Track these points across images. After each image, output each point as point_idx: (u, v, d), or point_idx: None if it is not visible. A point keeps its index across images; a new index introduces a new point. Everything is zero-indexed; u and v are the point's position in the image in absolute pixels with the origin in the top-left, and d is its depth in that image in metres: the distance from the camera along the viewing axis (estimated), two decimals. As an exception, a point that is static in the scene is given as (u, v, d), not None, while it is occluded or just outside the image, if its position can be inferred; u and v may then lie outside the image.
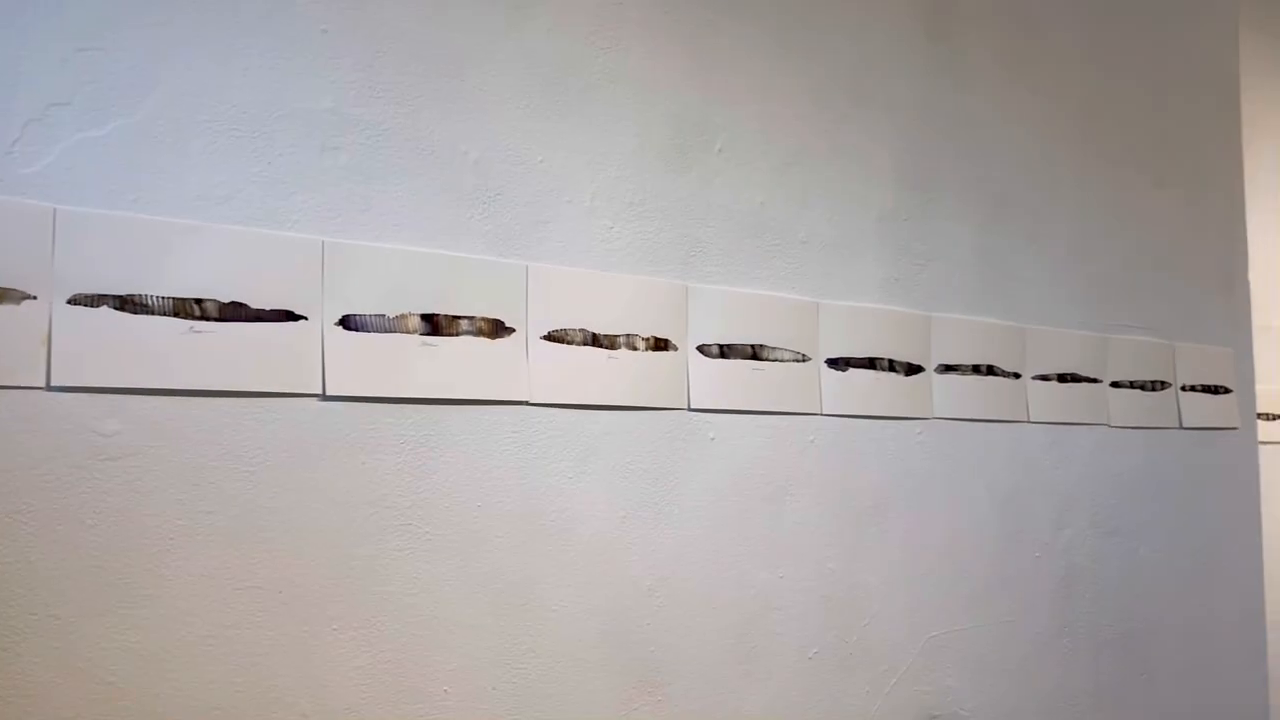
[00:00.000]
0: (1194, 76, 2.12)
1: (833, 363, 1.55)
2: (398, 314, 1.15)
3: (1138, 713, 1.86)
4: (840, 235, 1.56)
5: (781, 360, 1.49)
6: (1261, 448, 2.88)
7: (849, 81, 1.59)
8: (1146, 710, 1.87)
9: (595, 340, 1.30)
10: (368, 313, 1.14)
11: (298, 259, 1.10)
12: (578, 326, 1.29)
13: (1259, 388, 2.89)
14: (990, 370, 1.73)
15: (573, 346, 1.28)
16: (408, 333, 1.16)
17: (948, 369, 1.68)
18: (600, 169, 1.33)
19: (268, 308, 1.08)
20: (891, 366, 1.61)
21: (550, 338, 1.27)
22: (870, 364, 1.59)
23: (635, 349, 1.34)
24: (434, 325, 1.18)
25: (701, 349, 1.40)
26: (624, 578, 1.30)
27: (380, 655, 1.11)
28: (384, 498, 1.13)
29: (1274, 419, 2.92)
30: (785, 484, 1.46)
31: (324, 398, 1.10)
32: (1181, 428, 1.99)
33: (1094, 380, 1.86)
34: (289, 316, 1.09)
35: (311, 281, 1.10)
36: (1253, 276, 2.88)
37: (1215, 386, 2.07)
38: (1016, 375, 1.76)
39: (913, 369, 1.64)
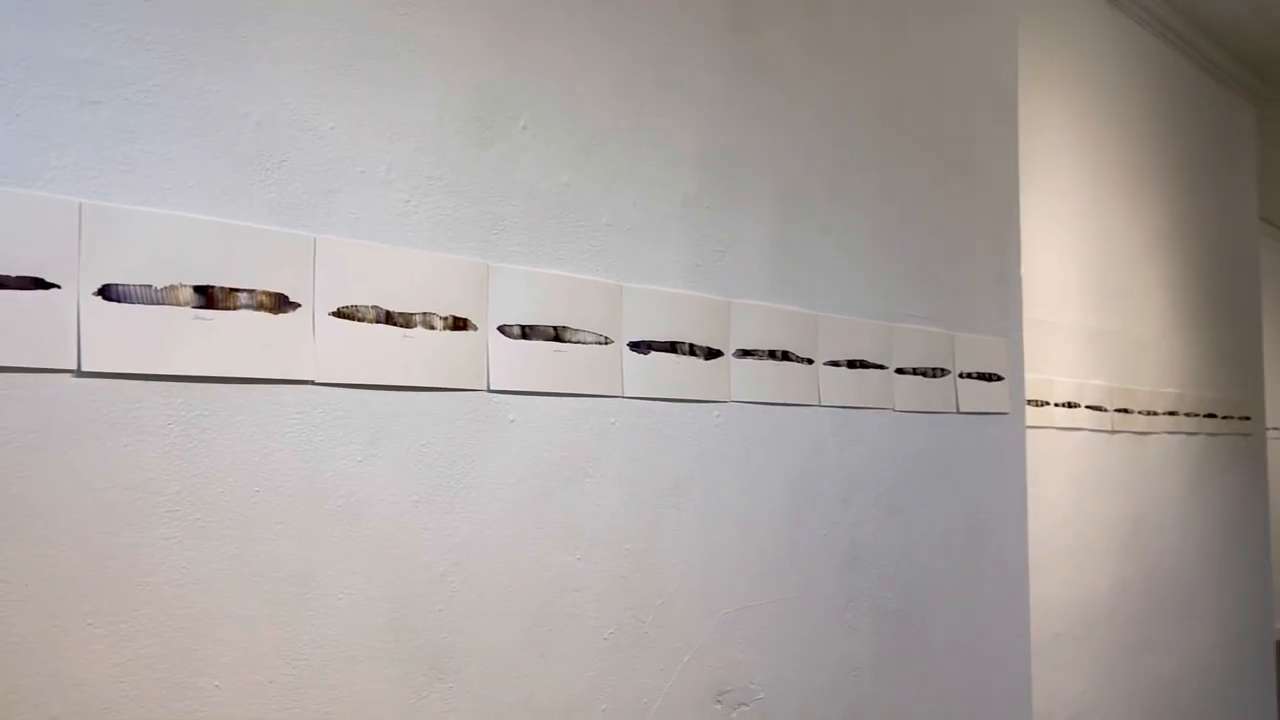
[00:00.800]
0: (974, 77, 2.26)
1: (635, 346, 1.56)
2: (166, 285, 1.07)
3: (915, 681, 1.98)
4: (644, 219, 1.57)
5: (584, 342, 1.48)
6: (1028, 431, 3.12)
7: (655, 66, 1.60)
8: (922, 679, 1.99)
9: (389, 318, 1.25)
10: (132, 282, 1.05)
11: (51, 221, 1.00)
12: (370, 303, 1.23)
13: (1027, 376, 3.13)
14: (785, 356, 1.79)
15: (364, 324, 1.23)
16: (178, 305, 1.07)
17: (745, 354, 1.72)
18: (397, 139, 1.28)
19: (14, 274, 0.97)
20: (692, 350, 1.64)
21: (340, 314, 1.21)
22: (672, 347, 1.61)
23: (433, 328, 1.30)
24: (209, 298, 1.10)
25: (503, 329, 1.38)
26: (415, 563, 1.26)
27: (142, 651, 1.04)
28: (149, 482, 1.05)
29: (1041, 405, 3.16)
30: (586, 466, 1.46)
31: (79, 374, 1.01)
32: (959, 412, 2.12)
33: (881, 367, 1.95)
34: (39, 284, 0.99)
35: (67, 246, 1.01)
36: (1025, 272, 3.12)
37: (989, 374, 2.22)
38: (809, 361, 1.82)
39: (712, 353, 1.67)
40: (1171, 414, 3.87)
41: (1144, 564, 3.61)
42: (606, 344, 1.51)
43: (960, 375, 2.14)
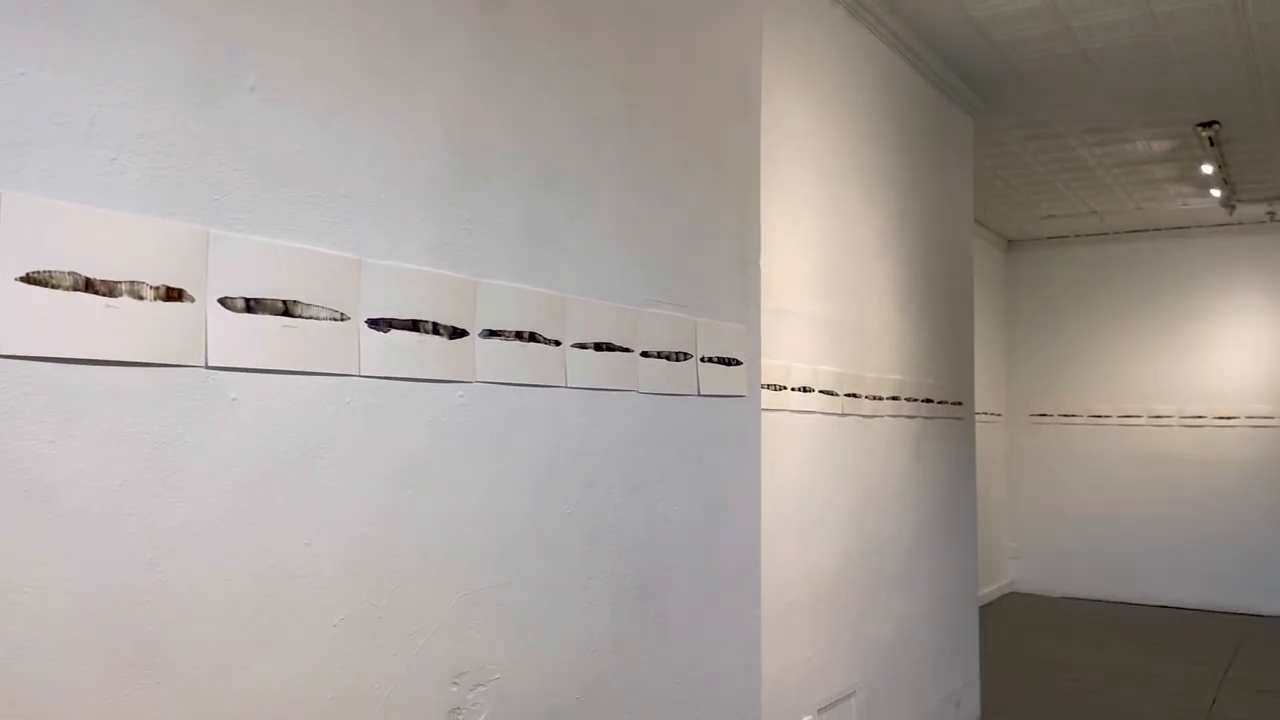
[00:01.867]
0: (720, 72, 2.35)
1: (374, 323, 1.51)
2: None
3: (652, 655, 2.05)
4: (386, 194, 1.53)
5: (318, 318, 1.42)
6: (766, 414, 3.30)
7: (400, 39, 1.55)
8: (660, 653, 2.07)
9: (89, 286, 1.15)
10: None
11: None
12: (67, 269, 1.13)
13: (767, 362, 3.30)
14: (533, 337, 1.80)
15: (60, 291, 1.12)
16: None
17: (492, 334, 1.71)
18: (103, 91, 1.17)
19: None
20: (436, 329, 1.61)
21: (30, 280, 1.10)
22: (414, 326, 1.57)
23: (141, 298, 1.20)
24: None
25: (224, 302, 1.30)
26: (118, 552, 1.17)
27: None
28: None
29: (779, 389, 3.35)
30: (316, 448, 1.40)
31: None
32: (700, 395, 2.21)
33: (627, 350, 2.00)
34: None
35: None
36: (768, 264, 3.28)
37: (729, 359, 2.32)
38: (557, 343, 1.84)
39: (457, 332, 1.65)
40: (895, 399, 4.21)
41: (868, 537, 3.91)
42: (342, 320, 1.46)
43: (702, 359, 2.22)
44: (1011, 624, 7.34)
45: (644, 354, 2.05)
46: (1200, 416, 8.17)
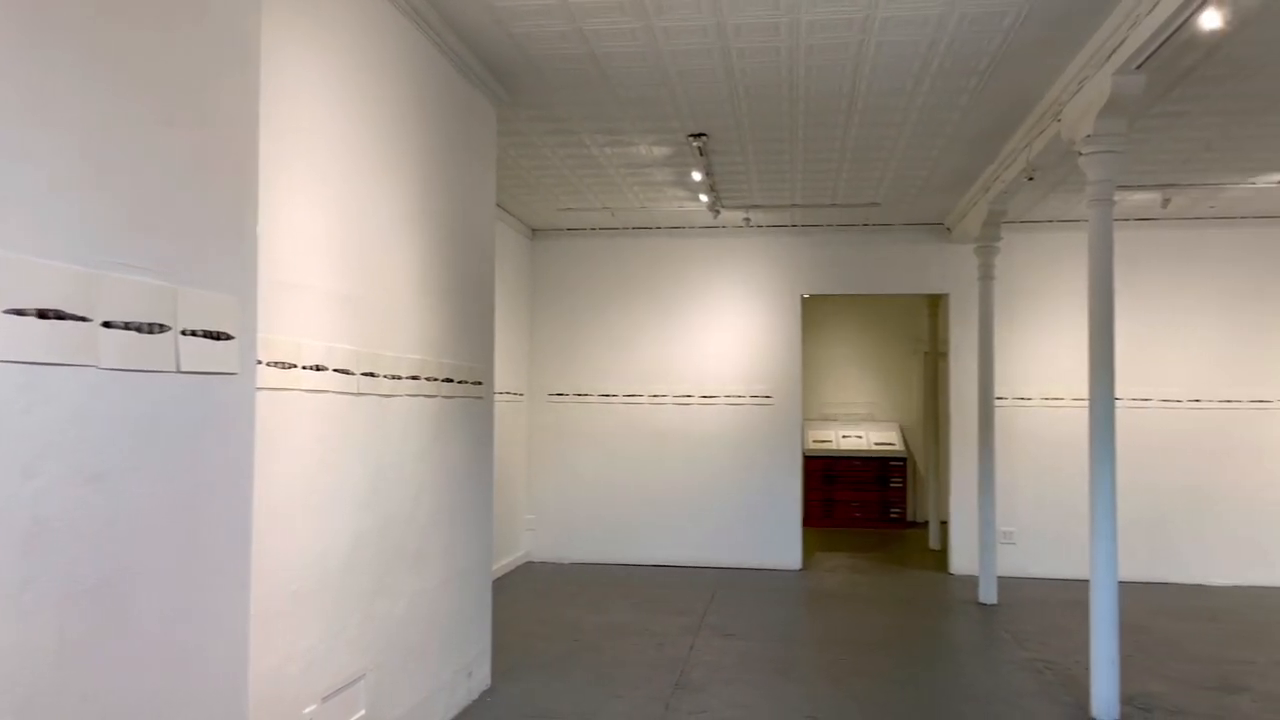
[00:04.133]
0: (209, 20, 2.14)
1: None
2: None
3: (113, 660, 1.82)
4: None
5: None
6: (274, 394, 3.11)
7: None
8: (123, 656, 1.84)
9: None
10: None
11: None
12: None
13: (275, 338, 3.12)
14: (-47, 299, 1.50)
15: None
16: None
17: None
18: None
19: None
20: None
21: None
22: None
23: None
24: None
25: None
26: None
27: None
28: None
29: (289, 367, 3.18)
30: None
31: None
32: (180, 371, 2.00)
33: (83, 319, 1.75)
34: None
35: None
36: (280, 234, 3.09)
37: (218, 333, 2.13)
38: (-14, 307, 1.55)
39: None
40: (415, 379, 4.20)
41: (382, 516, 3.87)
42: None
43: (184, 332, 2.02)
44: (526, 592, 7.74)
45: (107, 324, 1.80)
46: (689, 396, 9.22)
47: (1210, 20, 3.61)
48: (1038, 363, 8.75)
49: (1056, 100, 5.19)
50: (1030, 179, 6.18)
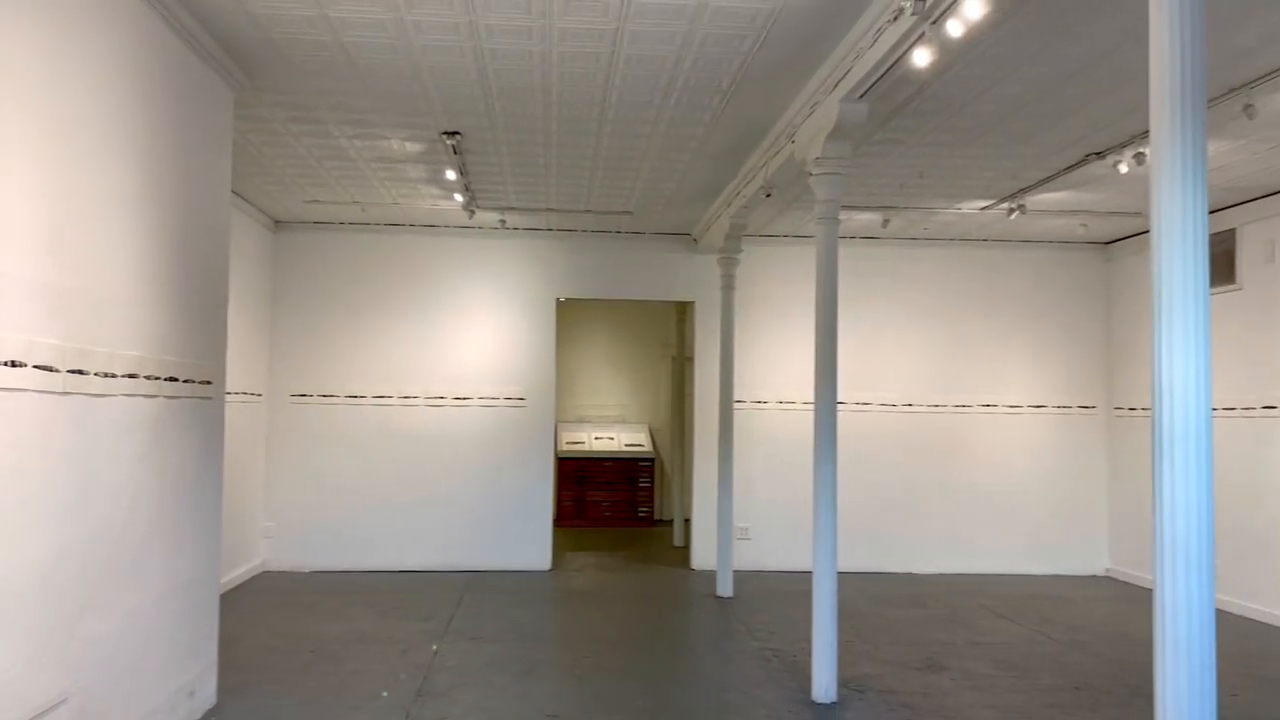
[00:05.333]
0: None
1: None
2: None
3: None
4: None
5: None
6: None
7: None
8: None
9: None
10: None
11: None
12: None
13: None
14: None
15: None
16: None
17: None
18: None
19: None
20: None
21: None
22: None
23: None
24: None
25: None
26: None
27: None
28: None
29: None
30: None
31: None
32: None
33: None
34: None
35: None
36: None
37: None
38: None
39: None
40: (133, 377, 3.88)
41: (91, 527, 3.55)
42: None
43: None
44: (261, 604, 7.34)
45: None
46: (442, 398, 9.09)
47: (921, 58, 3.97)
48: (774, 368, 9.29)
49: (791, 123, 5.54)
50: (768, 195, 6.56)
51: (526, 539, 9.04)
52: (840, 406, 8.64)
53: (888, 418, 9.36)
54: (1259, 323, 7.42)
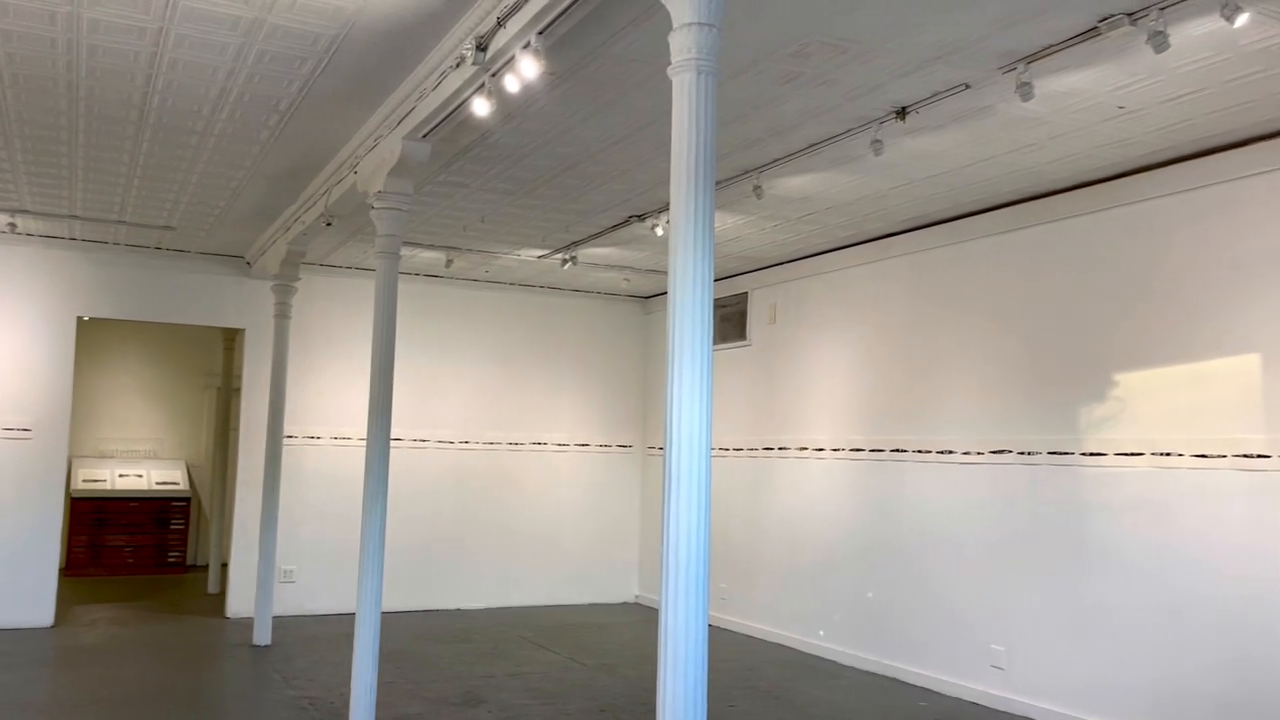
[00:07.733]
0: None
1: None
2: None
3: None
4: None
5: None
6: None
7: None
8: None
9: None
10: None
11: None
12: None
13: None
14: None
15: None
16: None
17: None
18: None
19: None
20: None
21: None
22: None
23: None
24: None
25: None
26: None
27: None
28: None
29: None
30: None
31: None
32: None
33: None
34: None
35: None
36: None
37: None
38: None
39: None
40: None
41: None
42: None
43: None
44: None
45: None
46: (-84, 426, 7.60)
47: (481, 107, 4.11)
48: (331, 402, 8.98)
49: (355, 153, 5.45)
50: (329, 224, 6.39)
51: (21, 593, 7.81)
52: (398, 443, 8.55)
53: (445, 455, 9.44)
54: (762, 376, 8.56)
